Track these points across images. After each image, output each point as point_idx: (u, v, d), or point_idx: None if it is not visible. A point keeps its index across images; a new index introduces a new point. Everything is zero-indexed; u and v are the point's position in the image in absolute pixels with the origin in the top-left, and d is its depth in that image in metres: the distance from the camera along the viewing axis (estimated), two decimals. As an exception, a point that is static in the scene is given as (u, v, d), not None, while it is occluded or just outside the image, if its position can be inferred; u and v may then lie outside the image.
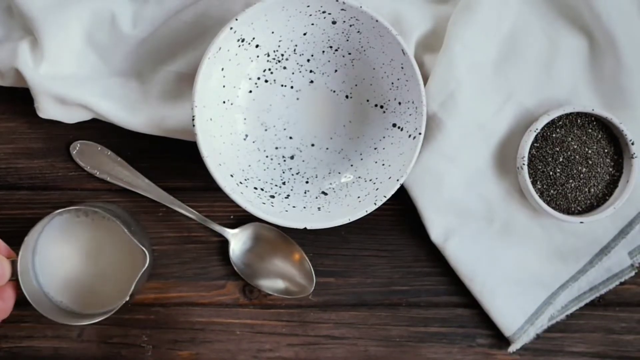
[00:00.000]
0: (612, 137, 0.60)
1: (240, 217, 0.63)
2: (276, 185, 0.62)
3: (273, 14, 0.58)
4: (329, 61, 0.62)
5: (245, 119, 0.62)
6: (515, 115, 0.61)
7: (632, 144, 0.59)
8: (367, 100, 0.63)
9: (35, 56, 0.60)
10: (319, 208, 0.60)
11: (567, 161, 0.60)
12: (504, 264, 0.62)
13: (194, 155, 0.57)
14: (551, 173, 0.60)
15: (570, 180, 0.60)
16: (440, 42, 0.61)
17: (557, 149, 0.60)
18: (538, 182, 0.60)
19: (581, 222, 0.59)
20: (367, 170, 0.62)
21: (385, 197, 0.58)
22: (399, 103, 0.61)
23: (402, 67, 0.59)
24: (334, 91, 0.63)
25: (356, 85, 0.62)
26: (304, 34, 0.61)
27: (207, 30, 0.61)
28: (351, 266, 0.64)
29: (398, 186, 0.59)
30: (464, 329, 0.64)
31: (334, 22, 0.59)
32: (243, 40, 0.59)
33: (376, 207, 0.58)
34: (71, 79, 0.60)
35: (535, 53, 0.61)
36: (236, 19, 0.56)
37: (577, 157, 0.60)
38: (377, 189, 0.60)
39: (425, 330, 0.63)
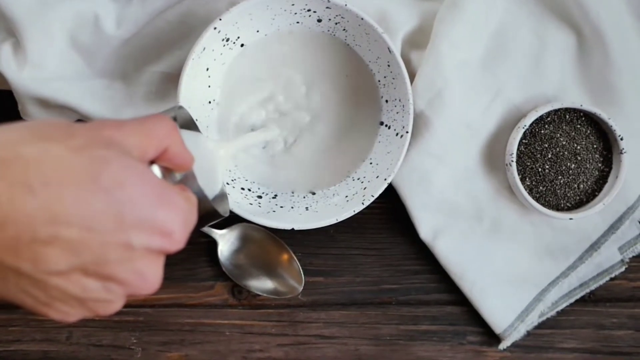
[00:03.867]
0: (601, 132, 0.60)
1: (228, 218, 0.62)
2: (263, 185, 0.61)
3: (258, 13, 0.57)
4: (315, 59, 0.62)
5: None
6: (503, 112, 0.61)
7: (621, 139, 0.59)
8: (354, 99, 0.62)
9: (18, 58, 0.59)
10: (306, 208, 0.60)
11: (556, 157, 0.59)
12: (494, 261, 0.62)
13: (180, 157, 0.56)
14: (540, 169, 0.59)
15: (560, 177, 0.59)
16: (427, 39, 0.60)
17: (546, 145, 0.59)
18: (527, 179, 0.60)
19: (571, 219, 0.59)
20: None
21: (373, 196, 0.58)
22: (386, 101, 0.60)
23: (389, 65, 0.58)
24: (321, 89, 0.62)
25: (343, 83, 0.62)
26: (290, 33, 0.60)
27: (191, 30, 0.60)
28: (340, 265, 0.64)
29: (386, 185, 0.58)
30: (454, 326, 0.63)
31: (319, 20, 0.59)
32: (228, 40, 0.58)
33: (364, 206, 0.58)
34: (55, 81, 0.60)
35: (523, 49, 0.61)
36: (220, 19, 0.56)
37: (566, 153, 0.59)
38: (364, 188, 0.59)
39: (416, 329, 0.63)
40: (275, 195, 0.61)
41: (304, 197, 0.61)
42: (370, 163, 0.61)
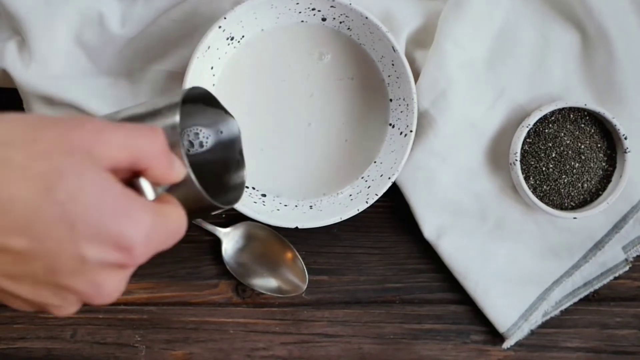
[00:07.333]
0: (605, 131, 0.60)
1: (232, 216, 0.63)
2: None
3: (262, 11, 0.57)
4: (319, 58, 0.62)
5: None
6: (507, 112, 0.61)
7: (625, 138, 0.59)
8: (359, 97, 0.62)
9: (23, 57, 0.59)
10: (310, 206, 0.60)
11: (560, 156, 0.59)
12: (498, 260, 0.62)
13: (184, 155, 0.56)
14: (544, 169, 0.59)
15: (564, 176, 0.59)
16: (431, 38, 0.60)
17: (550, 145, 0.59)
18: (531, 178, 0.60)
19: (575, 218, 0.59)
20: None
21: (377, 195, 0.58)
22: (390, 100, 0.60)
23: (393, 64, 0.58)
24: (325, 88, 0.62)
25: (347, 82, 0.62)
26: (294, 31, 0.60)
27: (196, 29, 0.60)
28: (344, 264, 0.64)
29: (390, 184, 0.58)
30: (458, 325, 0.63)
31: (323, 19, 0.59)
32: (232, 39, 0.58)
33: (368, 205, 0.58)
34: (60, 79, 0.60)
35: (527, 49, 0.61)
36: (225, 18, 0.56)
37: (570, 152, 0.59)
38: (369, 187, 0.59)
39: (419, 327, 0.63)
40: (279, 194, 0.61)
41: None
42: (375, 162, 0.61)
